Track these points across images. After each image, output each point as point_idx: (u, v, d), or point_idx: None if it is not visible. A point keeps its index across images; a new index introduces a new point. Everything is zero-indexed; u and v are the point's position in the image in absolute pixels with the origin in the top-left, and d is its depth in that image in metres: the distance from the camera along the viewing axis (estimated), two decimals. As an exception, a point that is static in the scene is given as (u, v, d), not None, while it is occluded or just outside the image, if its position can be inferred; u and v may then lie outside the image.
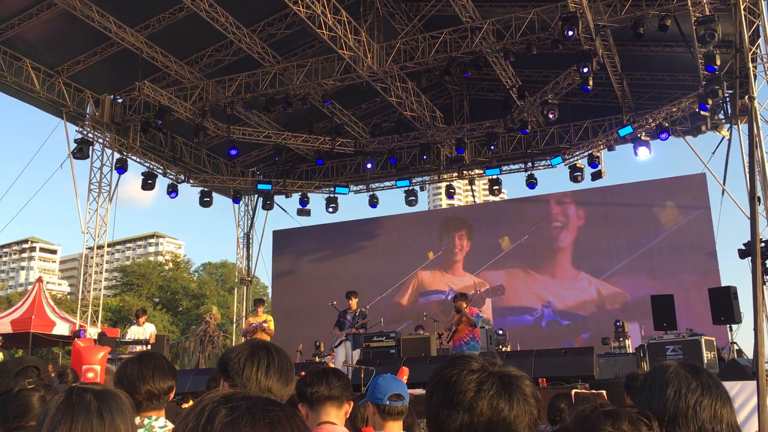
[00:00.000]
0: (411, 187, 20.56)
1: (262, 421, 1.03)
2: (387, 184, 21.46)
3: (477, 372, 1.42)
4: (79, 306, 18.02)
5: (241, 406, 1.05)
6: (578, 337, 18.43)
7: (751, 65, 11.45)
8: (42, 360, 2.76)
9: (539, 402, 1.44)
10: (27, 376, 2.52)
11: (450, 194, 21.24)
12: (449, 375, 1.43)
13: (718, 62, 13.24)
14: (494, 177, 19.70)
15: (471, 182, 21.71)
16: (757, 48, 12.03)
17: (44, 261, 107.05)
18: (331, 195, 21.28)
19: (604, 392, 6.55)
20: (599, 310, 18.51)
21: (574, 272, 19.19)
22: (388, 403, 3.00)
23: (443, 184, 21.58)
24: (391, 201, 22.08)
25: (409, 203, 20.67)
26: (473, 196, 24.05)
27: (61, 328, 18.01)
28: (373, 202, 21.24)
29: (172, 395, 2.79)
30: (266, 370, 2.16)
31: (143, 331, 13.61)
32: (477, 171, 20.76)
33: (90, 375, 2.62)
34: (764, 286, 9.96)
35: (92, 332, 16.87)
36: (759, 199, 7.66)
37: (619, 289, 18.46)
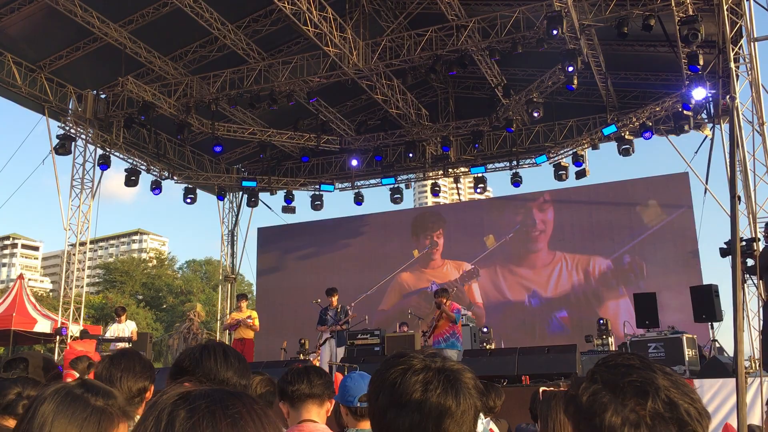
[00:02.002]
0: (396, 185, 20.56)
1: (224, 421, 1.00)
2: (372, 181, 21.45)
3: (421, 371, 1.42)
4: (61, 303, 17.86)
5: (201, 406, 1.01)
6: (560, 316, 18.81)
7: (733, 65, 11.55)
8: (40, 354, 2.73)
9: (482, 393, 1.46)
10: (13, 367, 2.50)
11: (435, 192, 21.25)
12: (393, 375, 1.43)
13: (701, 62, 13.35)
14: (479, 175, 19.75)
15: (456, 180, 21.74)
16: (739, 48, 12.13)
17: (26, 258, 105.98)
18: (317, 192, 21.23)
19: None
20: (576, 285, 18.90)
21: (551, 256, 19.44)
22: (359, 404, 2.99)
23: (428, 182, 21.60)
24: (377, 199, 22.10)
25: (395, 201, 20.67)
26: (458, 194, 24.06)
27: (43, 326, 17.85)
28: (359, 200, 21.22)
29: (149, 395, 2.70)
30: (224, 360, 2.16)
31: (123, 328, 13.54)
32: (462, 169, 20.79)
33: (69, 381, 2.58)
34: (745, 285, 10.06)
35: (74, 329, 16.74)
36: (739, 198, 7.73)
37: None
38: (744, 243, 9.50)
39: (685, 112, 15.21)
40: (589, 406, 1.21)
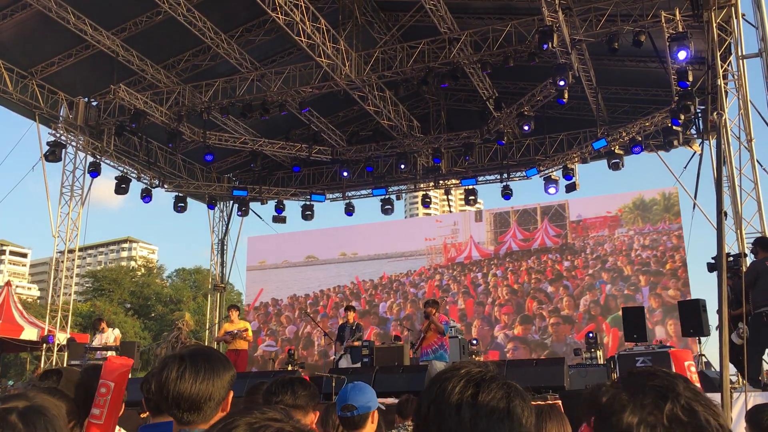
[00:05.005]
0: (387, 196, 20.59)
1: None
2: (363, 192, 21.46)
3: (491, 381, 1.34)
4: (48, 311, 17.74)
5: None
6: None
7: (721, 82, 11.66)
8: (78, 372, 2.82)
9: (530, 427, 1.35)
10: (48, 378, 2.60)
11: (426, 203, 21.32)
12: (467, 393, 1.33)
13: (691, 78, 13.47)
14: (470, 187, 19.81)
15: (447, 192, 21.80)
16: (728, 65, 12.25)
17: (14, 264, 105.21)
18: (307, 202, 21.22)
19: (559, 402, 6.60)
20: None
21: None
22: (339, 413, 3.01)
23: (420, 194, 21.65)
24: (367, 209, 22.13)
25: (386, 212, 20.69)
26: (449, 205, 24.09)
27: (30, 333, 17.68)
28: (349, 210, 21.22)
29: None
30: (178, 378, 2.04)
31: (107, 336, 13.57)
32: (453, 181, 20.84)
33: (102, 390, 2.69)
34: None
35: (61, 338, 16.62)
36: (725, 213, 7.79)
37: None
38: (731, 258, 9.56)
39: (674, 127, 15.32)
40: (607, 405, 1.21)
